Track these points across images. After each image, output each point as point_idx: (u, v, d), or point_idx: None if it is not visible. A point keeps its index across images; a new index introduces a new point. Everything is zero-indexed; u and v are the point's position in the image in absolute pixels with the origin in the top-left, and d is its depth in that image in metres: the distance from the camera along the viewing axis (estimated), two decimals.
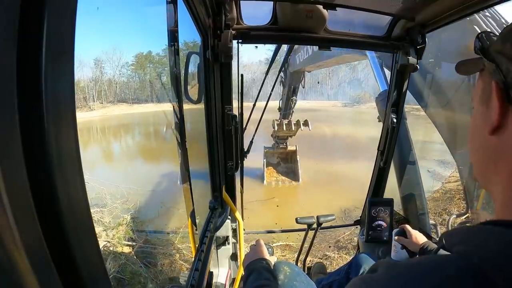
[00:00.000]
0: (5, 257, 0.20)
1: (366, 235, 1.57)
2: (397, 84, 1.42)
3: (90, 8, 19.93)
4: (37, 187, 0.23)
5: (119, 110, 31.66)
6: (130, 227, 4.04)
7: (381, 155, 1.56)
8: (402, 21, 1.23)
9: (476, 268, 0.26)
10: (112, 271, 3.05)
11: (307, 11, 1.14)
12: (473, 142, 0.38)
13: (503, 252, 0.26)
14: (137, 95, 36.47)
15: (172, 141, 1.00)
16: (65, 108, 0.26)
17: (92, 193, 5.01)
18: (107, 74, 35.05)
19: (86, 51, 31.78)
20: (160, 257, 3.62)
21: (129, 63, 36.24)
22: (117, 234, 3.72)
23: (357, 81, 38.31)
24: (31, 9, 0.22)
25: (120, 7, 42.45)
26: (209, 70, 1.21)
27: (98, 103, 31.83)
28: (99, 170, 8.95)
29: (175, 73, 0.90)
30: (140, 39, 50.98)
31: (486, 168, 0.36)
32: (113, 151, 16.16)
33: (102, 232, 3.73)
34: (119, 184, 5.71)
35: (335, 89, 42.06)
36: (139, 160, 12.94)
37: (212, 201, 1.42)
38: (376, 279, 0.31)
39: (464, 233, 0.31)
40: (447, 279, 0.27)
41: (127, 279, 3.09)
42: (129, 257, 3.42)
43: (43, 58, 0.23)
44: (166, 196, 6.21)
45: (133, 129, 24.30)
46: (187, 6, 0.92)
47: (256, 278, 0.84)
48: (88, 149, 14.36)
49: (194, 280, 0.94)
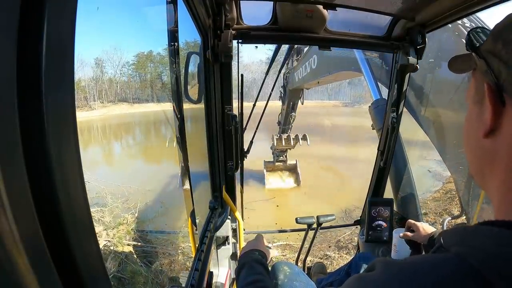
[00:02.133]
0: (5, 257, 0.20)
1: (366, 235, 1.57)
2: (397, 84, 1.42)
3: (90, 8, 19.94)
4: (37, 187, 0.23)
5: (119, 109, 31.61)
6: (130, 227, 4.05)
7: (381, 155, 1.56)
8: (402, 21, 1.23)
9: (473, 270, 0.26)
10: (112, 270, 3.06)
11: (307, 11, 1.14)
12: (468, 142, 0.38)
13: (500, 254, 0.26)
14: (138, 95, 36.44)
15: (172, 141, 1.00)
16: (65, 108, 0.26)
17: (93, 193, 5.03)
18: (108, 73, 35.01)
19: (86, 50, 31.69)
20: (160, 256, 3.62)
21: (129, 62, 36.29)
22: (117, 234, 3.73)
23: (357, 80, 38.06)
24: (31, 9, 0.22)
25: (120, 7, 42.44)
26: (209, 70, 1.21)
27: (98, 102, 31.77)
28: (99, 170, 8.98)
29: (175, 73, 0.90)
30: (140, 39, 51.02)
31: (481, 169, 0.36)
32: (112, 150, 16.20)
33: (103, 231, 3.73)
34: (119, 184, 5.73)
35: (336, 89, 41.97)
36: (140, 159, 12.95)
37: (212, 201, 1.42)
38: (372, 278, 0.31)
39: (461, 233, 0.31)
40: (443, 280, 0.27)
41: (127, 278, 3.09)
42: (130, 256, 3.43)
43: (43, 58, 0.23)
44: (166, 195, 6.22)
45: (133, 128, 24.33)
46: (187, 6, 0.92)
47: (248, 273, 0.78)
48: (88, 149, 14.41)
49: (194, 280, 0.94)
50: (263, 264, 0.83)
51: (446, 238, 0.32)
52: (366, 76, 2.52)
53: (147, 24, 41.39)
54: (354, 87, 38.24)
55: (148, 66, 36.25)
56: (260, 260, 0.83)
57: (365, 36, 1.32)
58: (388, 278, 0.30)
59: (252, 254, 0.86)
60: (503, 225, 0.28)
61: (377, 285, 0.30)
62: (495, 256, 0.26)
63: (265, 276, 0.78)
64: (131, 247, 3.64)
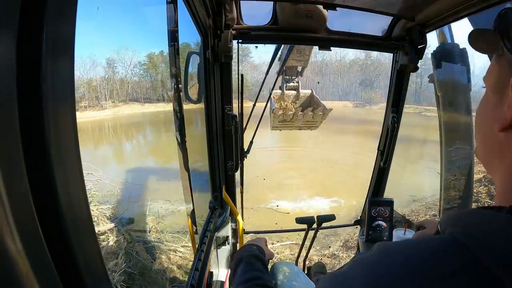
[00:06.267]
0: (5, 257, 0.20)
1: (366, 235, 1.57)
2: (397, 84, 1.42)
3: (90, 8, 19.92)
4: (37, 187, 0.23)
5: (130, 109, 31.42)
6: (140, 224, 4.11)
7: (381, 155, 1.56)
8: (402, 21, 1.23)
9: (460, 245, 0.26)
10: (123, 266, 3.13)
11: (307, 11, 1.14)
12: (481, 129, 0.36)
13: (491, 231, 0.26)
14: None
15: (174, 141, 1.00)
16: (65, 108, 0.26)
17: (104, 190, 5.07)
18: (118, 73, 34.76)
19: (84, 50, 31.48)
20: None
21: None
22: (128, 230, 3.83)
23: (368, 81, 37.52)
24: (31, 9, 0.22)
25: (120, 7, 42.42)
26: (209, 70, 1.21)
27: (109, 102, 31.55)
28: (111, 168, 9.03)
29: (175, 73, 0.90)
30: (140, 39, 50.94)
31: (490, 158, 0.35)
32: (124, 149, 16.27)
33: (114, 228, 3.84)
34: (130, 181, 5.75)
35: (347, 89, 41.50)
36: (151, 158, 12.89)
37: (212, 201, 1.42)
38: (368, 259, 0.32)
39: (456, 216, 0.31)
40: (430, 256, 0.27)
41: (137, 274, 3.17)
42: (140, 252, 3.50)
43: (43, 58, 0.23)
44: (176, 194, 6.21)
45: (144, 127, 24.30)
46: (187, 6, 0.92)
47: (246, 270, 0.71)
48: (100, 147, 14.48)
49: (194, 280, 0.94)
50: (261, 260, 0.76)
51: (442, 223, 0.33)
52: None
53: (147, 24, 41.38)
54: (365, 88, 37.90)
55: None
56: (258, 255, 0.77)
57: (365, 36, 1.32)
58: (382, 257, 0.30)
59: (250, 248, 0.79)
60: (496, 208, 0.29)
61: (370, 264, 0.31)
62: (486, 234, 0.26)
63: (264, 273, 0.72)
64: (141, 244, 3.72)
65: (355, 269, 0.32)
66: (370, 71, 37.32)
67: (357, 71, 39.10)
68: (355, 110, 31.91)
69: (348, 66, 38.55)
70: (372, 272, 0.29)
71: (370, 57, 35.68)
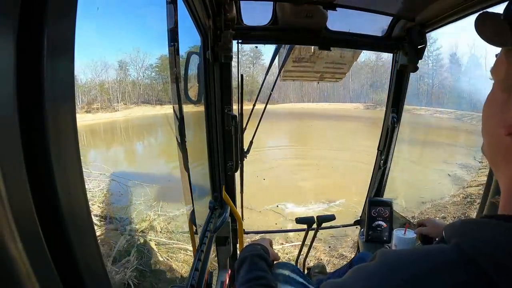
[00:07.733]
0: (5, 257, 0.20)
1: (366, 235, 1.56)
2: (397, 84, 1.42)
3: (90, 8, 19.94)
4: (37, 187, 0.23)
5: (142, 111, 31.36)
6: (153, 223, 4.23)
7: (381, 155, 1.56)
8: (402, 21, 1.23)
9: (466, 256, 0.26)
10: (135, 263, 3.22)
11: (307, 11, 1.14)
12: (487, 128, 0.35)
13: (496, 242, 0.26)
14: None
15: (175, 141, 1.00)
16: (65, 108, 0.27)
17: (115, 190, 5.11)
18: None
19: (83, 50, 31.39)
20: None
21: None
22: (140, 229, 3.96)
23: (379, 83, 37.11)
24: (31, 9, 0.22)
25: (120, 7, 42.45)
26: (209, 70, 1.21)
27: (121, 104, 31.51)
28: (123, 169, 9.13)
29: (175, 73, 0.90)
30: (140, 39, 50.96)
31: (496, 160, 0.34)
32: (135, 150, 16.32)
33: (127, 226, 3.98)
34: (141, 182, 5.76)
35: (357, 91, 40.56)
36: (162, 159, 12.88)
37: (212, 201, 1.42)
38: (370, 268, 0.32)
39: (461, 225, 0.31)
40: (435, 266, 0.27)
41: (148, 271, 3.24)
42: (151, 251, 3.58)
43: (43, 58, 0.23)
44: (181, 195, 6.19)
45: (155, 128, 24.35)
46: (187, 6, 0.92)
47: (249, 269, 0.70)
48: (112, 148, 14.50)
49: (194, 280, 0.94)
50: (266, 259, 0.75)
51: (447, 231, 0.32)
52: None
53: (147, 24, 41.38)
54: (376, 89, 37.61)
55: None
56: (263, 255, 0.76)
57: (365, 36, 1.32)
58: (384, 266, 0.30)
59: (254, 248, 0.78)
60: (503, 218, 0.28)
61: (373, 273, 0.31)
62: (490, 244, 0.26)
63: (268, 273, 0.71)
64: (153, 242, 3.79)
65: (358, 281, 0.32)
66: (381, 72, 36.96)
67: (368, 72, 38.81)
68: (365, 111, 31.88)
69: (359, 67, 38.08)
70: (375, 285, 0.29)
71: (381, 58, 35.37)
